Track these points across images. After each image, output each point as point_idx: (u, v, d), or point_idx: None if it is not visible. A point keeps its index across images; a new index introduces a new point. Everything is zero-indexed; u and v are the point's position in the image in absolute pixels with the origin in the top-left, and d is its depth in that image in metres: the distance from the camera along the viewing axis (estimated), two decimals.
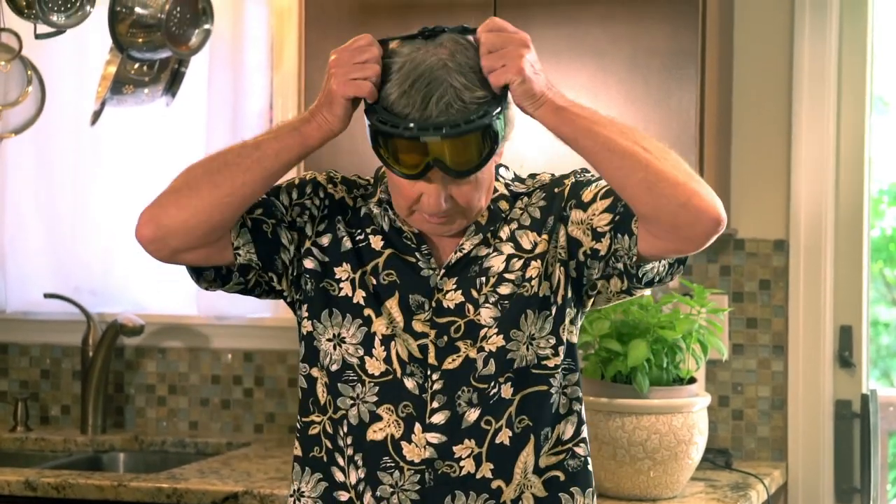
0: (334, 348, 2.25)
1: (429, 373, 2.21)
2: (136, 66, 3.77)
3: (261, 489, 3.25)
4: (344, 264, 2.26)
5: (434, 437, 2.20)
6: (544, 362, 2.23)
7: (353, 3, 3.55)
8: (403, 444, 2.20)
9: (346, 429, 2.24)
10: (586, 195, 2.22)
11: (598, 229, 2.19)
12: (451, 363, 2.21)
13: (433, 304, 2.23)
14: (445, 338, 2.22)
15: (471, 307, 2.22)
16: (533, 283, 2.22)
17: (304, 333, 2.29)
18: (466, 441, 2.20)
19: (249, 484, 3.30)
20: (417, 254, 2.25)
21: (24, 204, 4.17)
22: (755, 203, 3.66)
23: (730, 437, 3.69)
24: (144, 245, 2.18)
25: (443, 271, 2.24)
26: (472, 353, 2.21)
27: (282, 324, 3.95)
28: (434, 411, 2.20)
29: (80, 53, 4.06)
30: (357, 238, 2.28)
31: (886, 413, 3.74)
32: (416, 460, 2.20)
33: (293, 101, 3.95)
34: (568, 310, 2.26)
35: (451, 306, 2.22)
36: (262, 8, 3.97)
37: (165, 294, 4.17)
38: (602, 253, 2.19)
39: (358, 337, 2.24)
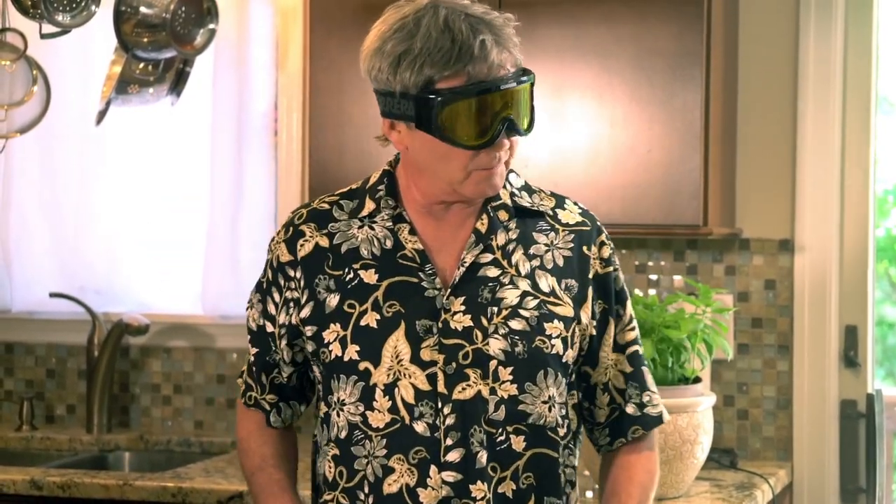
0: (338, 415, 2.22)
1: (440, 405, 2.16)
2: (141, 65, 3.78)
3: None
4: (332, 325, 2.22)
5: (450, 476, 2.15)
6: (557, 428, 2.22)
7: (357, 3, 3.55)
8: (419, 490, 2.16)
9: (366, 490, 2.19)
10: (621, 333, 2.31)
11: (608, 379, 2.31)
12: (462, 393, 2.16)
13: (440, 326, 2.17)
14: (454, 364, 2.16)
15: (479, 334, 2.17)
16: (555, 342, 2.20)
17: (322, 415, 2.28)
18: (479, 483, 2.16)
19: None
20: (421, 273, 2.20)
21: (28, 204, 4.17)
22: (760, 203, 3.66)
23: (735, 437, 3.69)
24: None
25: (448, 290, 2.19)
26: (485, 392, 2.16)
27: None
28: (449, 449, 2.15)
29: (85, 53, 4.06)
30: (346, 279, 2.22)
31: (892, 413, 3.73)
32: (434, 503, 2.15)
33: (298, 101, 3.95)
34: (573, 388, 2.28)
35: (459, 328, 2.17)
36: (267, 8, 3.97)
37: (170, 293, 4.18)
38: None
39: (355, 394, 2.19)
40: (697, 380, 3.26)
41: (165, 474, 3.44)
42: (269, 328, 2.32)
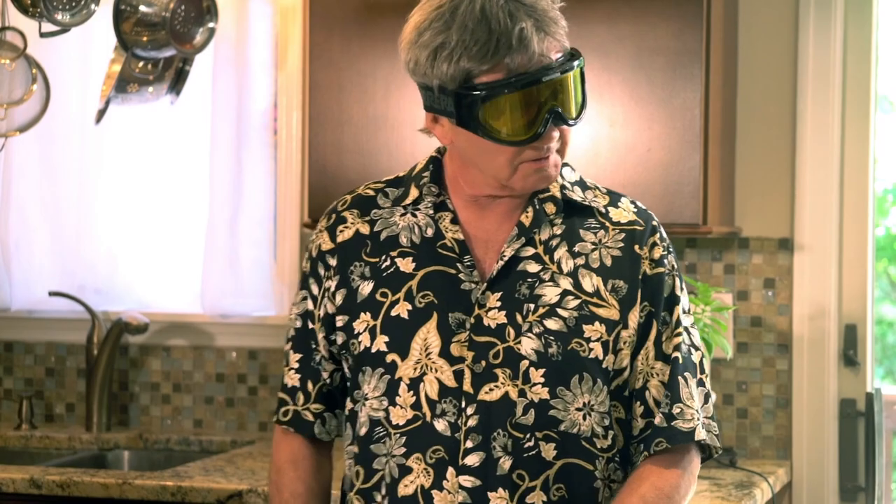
0: (360, 410, 2.13)
1: (463, 405, 2.05)
2: (141, 64, 3.78)
3: (265, 487, 3.25)
4: (362, 315, 2.13)
5: (467, 481, 2.04)
6: (594, 439, 2.09)
7: (357, 3, 3.55)
8: (434, 493, 2.05)
9: (383, 491, 2.10)
10: (666, 341, 2.13)
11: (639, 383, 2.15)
12: (488, 394, 2.05)
13: (473, 321, 2.07)
14: (483, 363, 2.05)
15: (512, 331, 2.06)
16: (594, 346, 2.08)
17: (347, 413, 2.19)
18: (500, 490, 2.04)
19: (254, 482, 3.31)
20: (459, 265, 2.10)
21: (28, 202, 4.17)
22: (760, 202, 3.66)
23: (734, 436, 3.69)
24: None
25: (485, 285, 2.09)
26: (513, 394, 2.05)
27: (286, 322, 3.94)
28: (468, 452, 2.05)
29: (85, 52, 4.07)
30: (382, 266, 2.14)
31: (891, 412, 3.73)
32: None
33: (297, 100, 3.95)
34: (618, 398, 2.13)
35: (493, 325, 2.07)
36: (267, 6, 3.97)
37: (170, 292, 4.18)
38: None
39: (381, 388, 2.10)
40: None
41: (165, 473, 3.44)
42: (311, 325, 2.23)
